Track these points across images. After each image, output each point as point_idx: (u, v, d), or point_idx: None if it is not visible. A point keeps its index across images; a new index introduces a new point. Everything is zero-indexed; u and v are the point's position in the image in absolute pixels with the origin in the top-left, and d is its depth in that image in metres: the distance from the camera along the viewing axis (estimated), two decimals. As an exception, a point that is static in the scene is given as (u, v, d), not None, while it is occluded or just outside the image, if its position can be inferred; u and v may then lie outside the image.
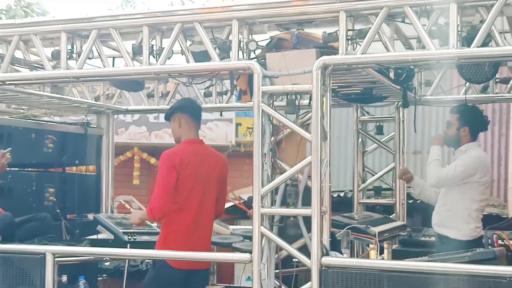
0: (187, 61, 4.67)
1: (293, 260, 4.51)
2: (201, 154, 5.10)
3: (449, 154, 8.16)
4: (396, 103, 6.62)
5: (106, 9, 23.48)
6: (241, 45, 4.47)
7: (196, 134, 5.21)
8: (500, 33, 4.06)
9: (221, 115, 7.95)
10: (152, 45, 4.70)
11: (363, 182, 7.00)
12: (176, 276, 4.89)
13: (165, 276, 4.91)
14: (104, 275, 6.50)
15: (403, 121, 6.76)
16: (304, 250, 4.24)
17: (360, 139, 7.03)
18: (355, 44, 4.25)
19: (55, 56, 4.96)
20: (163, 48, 4.68)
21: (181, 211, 4.92)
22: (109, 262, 6.35)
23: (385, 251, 6.02)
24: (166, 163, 4.90)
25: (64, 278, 5.04)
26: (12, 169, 6.61)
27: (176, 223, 4.93)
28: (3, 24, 5.41)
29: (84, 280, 5.51)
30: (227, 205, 7.18)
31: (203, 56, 4.58)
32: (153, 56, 4.70)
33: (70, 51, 4.91)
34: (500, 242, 5.05)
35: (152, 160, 12.20)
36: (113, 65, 5.18)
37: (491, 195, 9.21)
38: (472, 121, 5.42)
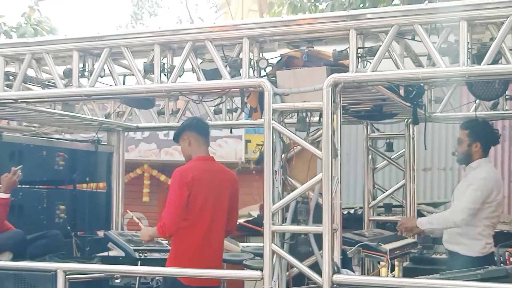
0: (198, 79, 4.69)
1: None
2: (212, 171, 5.11)
3: (456, 166, 8.16)
4: (406, 120, 6.62)
5: (115, 27, 23.68)
6: (252, 63, 4.49)
7: (206, 151, 5.23)
8: (511, 50, 4.05)
9: (231, 132, 7.97)
10: (163, 63, 4.74)
11: (374, 199, 6.98)
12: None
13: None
14: (114, 292, 6.49)
15: (413, 138, 6.75)
16: (315, 267, 4.23)
17: (370, 156, 7.02)
18: (365, 62, 4.27)
19: (67, 74, 5.00)
20: (174, 66, 4.71)
21: (191, 227, 4.93)
22: (119, 279, 6.34)
23: (396, 268, 5.98)
24: (178, 180, 4.92)
25: (75, 296, 5.05)
26: (23, 186, 6.65)
27: (186, 240, 4.94)
28: (16, 43, 5.46)
29: (94, 298, 5.51)
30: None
31: (213, 74, 4.60)
32: (164, 74, 4.72)
33: (82, 69, 4.95)
34: (512, 259, 5.03)
35: (162, 177, 12.23)
36: (124, 83, 5.21)
37: (502, 212, 9.17)
38: (483, 136, 5.34)
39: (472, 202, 5.09)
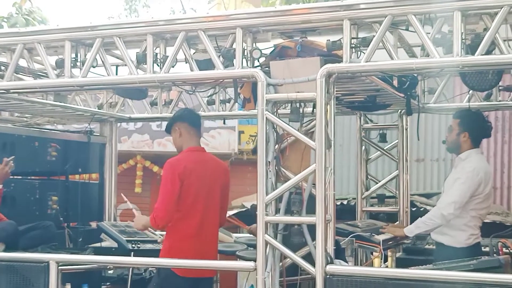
0: (191, 69, 4.67)
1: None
2: (204, 162, 5.11)
3: (449, 157, 8.19)
4: (399, 111, 6.61)
5: (108, 17, 23.55)
6: (245, 53, 4.47)
7: (198, 142, 5.22)
8: (504, 41, 4.07)
9: (224, 123, 7.95)
10: (156, 54, 4.72)
11: (367, 190, 6.98)
12: (182, 285, 4.87)
13: (171, 285, 4.90)
14: (107, 284, 6.48)
15: (406, 129, 6.74)
16: (309, 258, 4.23)
17: (363, 147, 7.02)
18: (359, 52, 4.25)
19: (59, 64, 4.98)
20: (167, 56, 4.69)
21: (185, 219, 4.92)
22: (112, 271, 6.35)
23: (389, 259, 5.99)
24: (170, 171, 4.90)
25: (68, 287, 5.04)
26: (15, 177, 6.62)
27: (180, 232, 4.92)
28: (7, 32, 5.42)
29: (87, 289, 5.51)
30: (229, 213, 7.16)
31: (207, 64, 4.58)
32: (157, 65, 4.70)
33: (74, 59, 4.93)
34: (505, 250, 5.04)
35: (155, 168, 12.21)
36: (116, 74, 5.19)
37: (494, 202, 9.20)
38: (473, 127, 5.27)
39: (459, 196, 5.05)
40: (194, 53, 4.72)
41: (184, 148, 5.15)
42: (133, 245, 5.74)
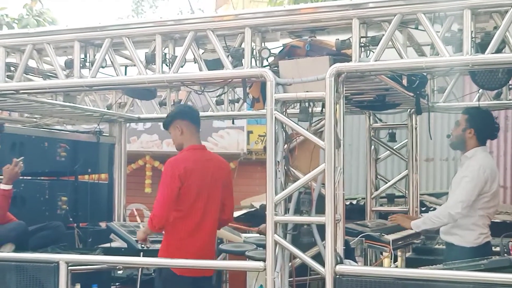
0: (200, 69, 4.67)
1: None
2: (204, 160, 5.10)
3: (458, 157, 8.14)
4: (408, 110, 6.59)
5: (117, 17, 23.61)
6: (254, 53, 4.46)
7: (198, 140, 5.21)
8: (515, 39, 4.03)
9: (233, 123, 7.95)
10: (165, 54, 4.71)
11: (376, 189, 6.97)
12: (182, 284, 4.87)
13: (172, 284, 4.90)
14: (117, 284, 6.50)
15: (415, 128, 6.73)
16: (318, 258, 4.22)
17: (372, 147, 7.00)
18: (368, 51, 4.24)
19: (68, 65, 4.98)
20: (176, 56, 4.68)
21: (185, 218, 4.93)
22: (122, 271, 6.36)
23: (399, 259, 5.99)
24: (170, 172, 4.90)
25: (78, 287, 5.05)
26: (25, 177, 6.65)
27: (180, 231, 4.93)
28: (16, 33, 5.43)
29: (97, 289, 5.52)
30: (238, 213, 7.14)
31: (215, 64, 4.58)
32: (166, 65, 4.70)
33: (83, 60, 4.93)
34: (515, 249, 5.01)
35: (164, 168, 12.22)
36: (125, 74, 5.19)
37: (504, 202, 9.16)
38: (480, 125, 5.25)
39: (466, 195, 5.03)
40: (203, 53, 4.71)
41: (185, 146, 5.14)
42: (143, 245, 5.74)
